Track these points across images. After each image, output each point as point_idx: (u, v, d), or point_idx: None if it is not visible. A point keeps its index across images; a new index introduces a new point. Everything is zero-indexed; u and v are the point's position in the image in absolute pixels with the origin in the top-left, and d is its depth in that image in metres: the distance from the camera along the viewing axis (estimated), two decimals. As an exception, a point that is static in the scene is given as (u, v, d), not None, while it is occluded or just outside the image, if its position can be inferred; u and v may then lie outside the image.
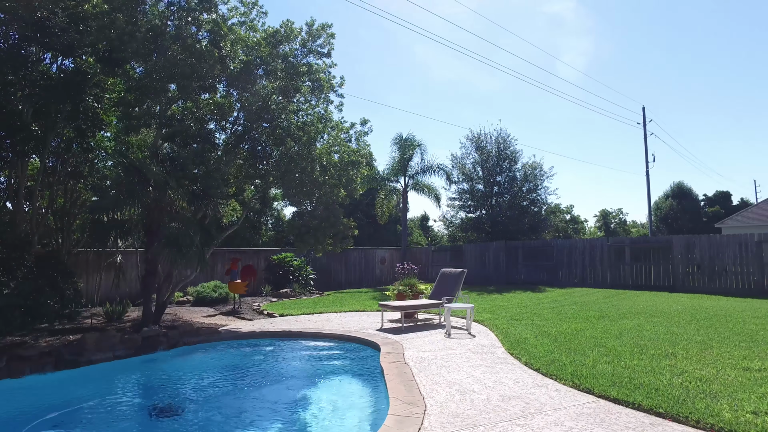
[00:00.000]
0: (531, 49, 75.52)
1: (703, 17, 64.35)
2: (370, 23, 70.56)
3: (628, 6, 62.42)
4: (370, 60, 69.87)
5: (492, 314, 10.55)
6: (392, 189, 24.58)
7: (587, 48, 66.44)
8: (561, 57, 64.18)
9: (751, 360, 6.01)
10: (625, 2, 61.72)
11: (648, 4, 61.34)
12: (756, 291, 14.50)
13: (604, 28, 65.99)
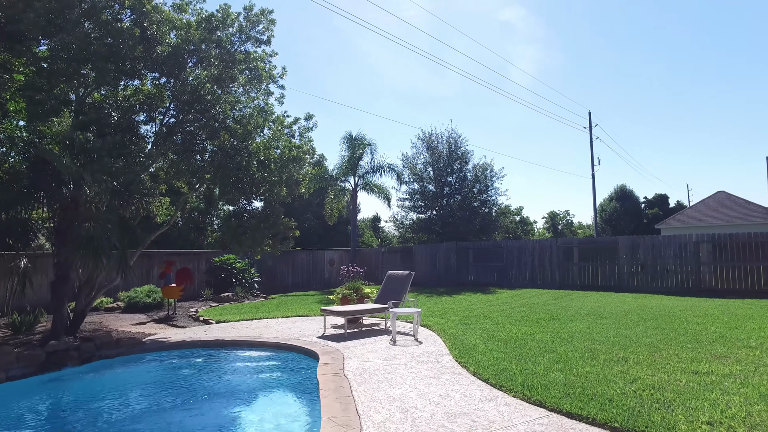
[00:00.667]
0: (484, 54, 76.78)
1: (646, 29, 67.36)
2: (321, 21, 69.57)
3: (576, 16, 64.47)
4: (322, 59, 68.93)
5: (441, 318, 10.16)
6: (342, 189, 23.97)
7: (537, 55, 68.11)
8: (513, 63, 65.47)
9: (698, 363, 5.85)
10: (572, 12, 63.73)
11: (594, 14, 63.51)
12: (693, 290, 14.88)
13: (552, 36, 67.90)
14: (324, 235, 40.89)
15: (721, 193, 30.55)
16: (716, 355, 6.25)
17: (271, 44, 9.40)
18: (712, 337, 7.41)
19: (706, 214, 29.03)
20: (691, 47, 70.76)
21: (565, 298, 13.86)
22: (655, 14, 64.26)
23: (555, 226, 57.10)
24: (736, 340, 7.22)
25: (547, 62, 70.50)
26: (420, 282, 21.48)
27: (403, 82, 74.14)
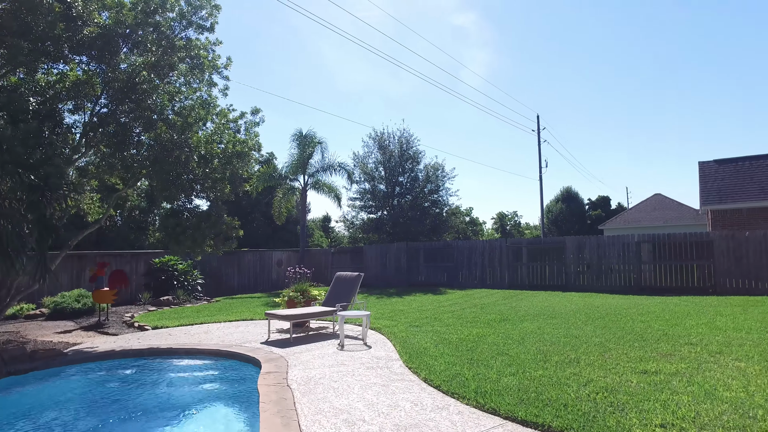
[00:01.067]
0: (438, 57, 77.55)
1: (592, 36, 70.05)
2: (277, 18, 68.21)
3: (525, 22, 66.21)
4: (278, 56, 67.58)
5: (391, 320, 9.90)
6: (291, 188, 23.34)
7: (488, 59, 69.51)
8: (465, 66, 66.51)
9: (646, 362, 5.86)
10: (522, 19, 65.42)
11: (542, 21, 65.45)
12: (635, 288, 15.37)
13: (503, 41, 69.46)
14: (273, 235, 39.92)
15: (658, 196, 32.05)
16: (662, 354, 6.29)
17: (215, 31, 8.82)
18: (657, 335, 7.52)
19: (644, 216, 30.35)
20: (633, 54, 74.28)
21: (515, 298, 13.95)
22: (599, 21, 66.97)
23: (504, 227, 58.35)
24: (678, 337, 7.36)
25: (498, 66, 72.12)
26: (370, 283, 21.21)
27: (358, 83, 73.78)
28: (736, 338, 7.23)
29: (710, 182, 20.01)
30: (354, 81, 72.79)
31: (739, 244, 14.19)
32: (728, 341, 7.00)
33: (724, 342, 6.95)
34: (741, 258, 14.14)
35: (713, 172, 20.45)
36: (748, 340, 7.06)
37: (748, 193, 18.95)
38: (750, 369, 5.52)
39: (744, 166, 20.20)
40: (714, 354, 6.25)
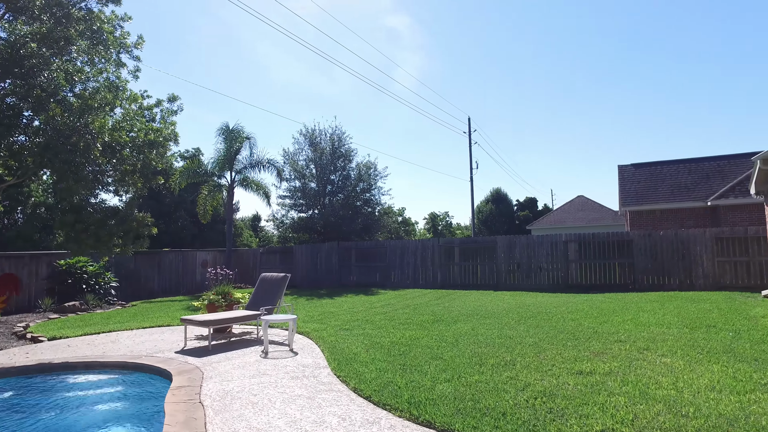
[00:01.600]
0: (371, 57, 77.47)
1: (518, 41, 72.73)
2: (206, 11, 65.15)
3: (456, 29, 67.60)
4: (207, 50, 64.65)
5: (320, 323, 9.39)
6: (217, 185, 22.11)
7: (421, 62, 70.30)
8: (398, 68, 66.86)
9: (581, 362, 5.76)
10: (453, 25, 66.73)
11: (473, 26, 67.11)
12: (563, 286, 15.80)
13: (435, 45, 70.56)
14: (199, 234, 37.98)
15: (581, 198, 33.62)
16: (594, 352, 6.25)
17: (122, 4, 7.89)
18: (588, 333, 7.54)
19: (568, 216, 31.70)
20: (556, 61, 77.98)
21: (448, 298, 13.85)
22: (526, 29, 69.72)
23: (435, 227, 59.20)
24: (607, 335, 7.41)
25: (430, 69, 73.17)
26: (300, 284, 20.51)
27: (290, 80, 72.21)
28: (659, 333, 7.38)
29: (629, 185, 21.10)
30: (287, 79, 71.23)
31: (655, 242, 14.94)
32: (653, 337, 7.13)
33: (650, 338, 7.06)
34: (656, 256, 14.89)
35: (631, 175, 21.59)
36: (670, 335, 7.22)
37: (661, 195, 20.14)
38: (676, 364, 5.56)
39: (658, 170, 21.48)
40: (642, 350, 6.28)
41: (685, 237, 14.67)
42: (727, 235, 14.30)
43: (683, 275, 14.55)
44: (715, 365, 5.49)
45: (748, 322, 8.28)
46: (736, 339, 6.86)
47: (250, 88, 67.51)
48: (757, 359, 5.77)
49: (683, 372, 5.23)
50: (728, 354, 6.00)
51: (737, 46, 67.78)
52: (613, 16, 64.64)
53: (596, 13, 63.70)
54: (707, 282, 14.28)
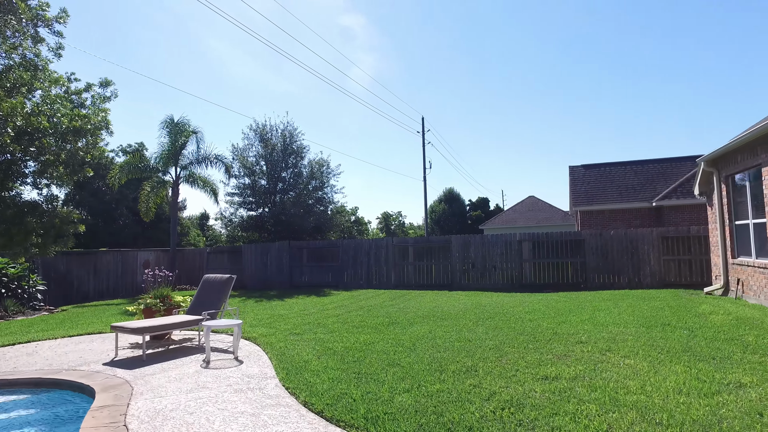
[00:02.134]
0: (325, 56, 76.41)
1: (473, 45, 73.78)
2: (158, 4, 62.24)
3: (410, 28, 67.79)
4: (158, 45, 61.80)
5: (269, 327, 8.79)
6: (161, 181, 20.90)
7: (375, 62, 70.08)
8: (352, 67, 66.31)
9: (545, 366, 5.50)
10: (408, 26, 66.88)
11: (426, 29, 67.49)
12: (517, 285, 15.81)
13: (390, 45, 70.51)
14: (142, 234, 36.12)
15: (532, 198, 34.23)
16: (557, 355, 6.02)
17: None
18: (548, 335, 7.34)
19: (519, 216, 32.18)
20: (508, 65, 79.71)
21: (402, 299, 13.51)
22: (480, 32, 70.85)
23: (388, 227, 59.10)
24: (568, 336, 7.23)
25: (385, 70, 73.07)
26: (249, 285, 19.67)
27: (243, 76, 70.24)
28: (618, 333, 7.27)
29: (579, 185, 21.51)
30: (239, 74, 69.24)
31: (606, 242, 15.17)
32: (613, 337, 7.00)
33: (610, 338, 6.93)
34: (607, 255, 15.12)
35: (581, 176, 22.03)
36: (629, 335, 7.12)
37: (609, 196, 20.63)
38: (639, 366, 5.39)
39: (606, 171, 22.02)
40: (604, 352, 6.11)
41: (634, 236, 14.97)
42: (672, 235, 14.69)
43: (632, 273, 14.85)
44: (677, 365, 5.36)
45: (699, 319, 8.35)
46: (692, 337, 6.82)
47: (200, 83, 65.22)
48: (714, 357, 5.70)
49: (648, 374, 5.06)
50: (687, 353, 5.91)
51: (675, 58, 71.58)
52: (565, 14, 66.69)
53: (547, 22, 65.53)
54: (654, 280, 14.62)
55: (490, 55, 76.80)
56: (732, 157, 11.03)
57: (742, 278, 10.88)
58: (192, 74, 65.75)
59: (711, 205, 12.49)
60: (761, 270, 9.89)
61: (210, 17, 75.09)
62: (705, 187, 12.77)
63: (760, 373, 5.05)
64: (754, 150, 9.94)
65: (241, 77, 68.89)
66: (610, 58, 73.92)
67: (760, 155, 9.68)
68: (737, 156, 10.76)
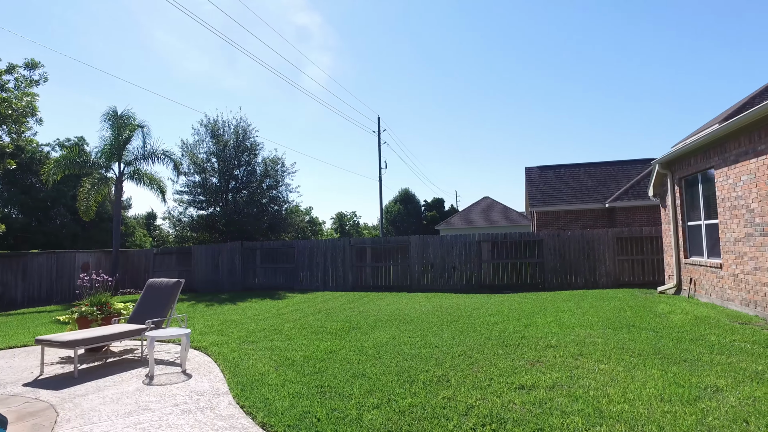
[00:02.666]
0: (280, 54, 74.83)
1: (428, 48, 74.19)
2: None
3: (367, 29, 67.44)
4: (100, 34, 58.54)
5: (221, 335, 8.16)
6: (103, 177, 19.52)
7: (331, 62, 69.32)
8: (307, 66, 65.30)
9: (519, 374, 5.21)
10: (363, 27, 66.49)
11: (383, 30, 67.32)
12: (476, 286, 15.70)
13: (346, 46, 69.89)
14: (83, 234, 34.06)
15: (486, 199, 34.56)
16: (529, 361, 5.76)
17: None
18: (516, 339, 7.10)
19: (475, 216, 32.40)
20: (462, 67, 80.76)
21: (361, 301, 13.08)
22: (436, 34, 71.34)
23: (343, 227, 58.46)
24: (536, 339, 7.02)
25: (340, 69, 72.42)
26: (200, 288, 18.71)
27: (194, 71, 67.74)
28: (587, 336, 7.12)
29: (535, 186, 21.74)
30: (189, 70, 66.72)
31: (563, 242, 15.29)
32: (581, 340, 6.84)
33: (579, 342, 6.76)
34: (564, 255, 15.24)
35: (537, 177, 22.29)
36: (597, 338, 6.98)
37: (565, 197, 20.95)
38: (615, 371, 5.20)
39: (561, 173, 22.38)
40: (576, 356, 5.90)
41: (590, 237, 15.16)
42: (626, 235, 14.96)
43: (588, 274, 15.02)
44: (652, 369, 5.20)
45: (660, 319, 8.36)
46: (658, 339, 6.75)
47: (147, 78, 62.44)
48: (686, 360, 5.60)
49: (626, 380, 4.86)
50: (658, 356, 5.79)
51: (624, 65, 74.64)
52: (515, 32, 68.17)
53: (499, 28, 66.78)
54: (609, 280, 14.85)
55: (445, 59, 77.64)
56: (685, 160, 11.26)
57: (694, 277, 11.11)
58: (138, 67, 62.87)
59: (665, 207, 12.74)
60: (713, 269, 10.09)
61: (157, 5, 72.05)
62: (659, 188, 13.03)
63: (731, 375, 4.96)
64: (707, 153, 10.14)
65: (192, 72, 66.51)
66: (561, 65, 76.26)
67: (713, 158, 9.87)
68: (690, 159, 10.98)
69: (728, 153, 9.26)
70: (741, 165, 8.83)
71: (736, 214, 9.09)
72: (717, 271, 9.91)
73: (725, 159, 9.40)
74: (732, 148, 9.11)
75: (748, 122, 8.25)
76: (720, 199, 9.66)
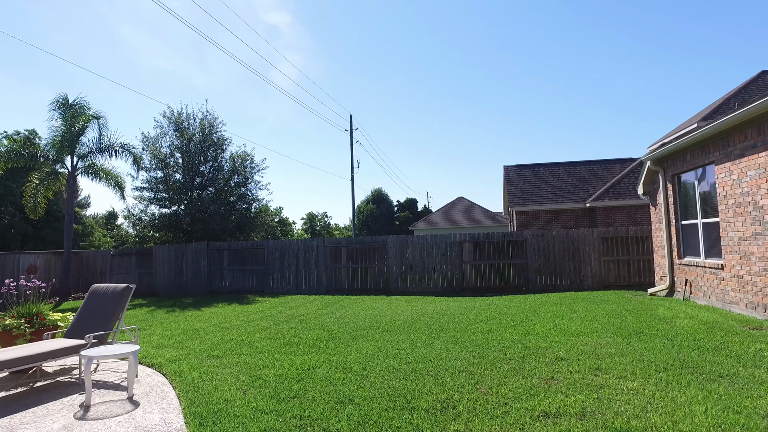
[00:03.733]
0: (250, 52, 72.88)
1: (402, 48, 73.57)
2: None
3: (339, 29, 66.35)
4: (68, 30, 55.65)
5: (180, 349, 7.08)
6: (54, 172, 17.95)
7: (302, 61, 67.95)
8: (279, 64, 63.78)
9: (536, 396, 4.39)
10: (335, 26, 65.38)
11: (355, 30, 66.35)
12: (457, 289, 14.93)
13: (317, 45, 68.59)
14: (34, 234, 31.87)
15: (461, 199, 34.00)
16: (544, 378, 4.94)
17: None
18: (518, 350, 6.29)
19: (450, 217, 31.77)
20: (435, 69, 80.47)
21: (337, 306, 12.10)
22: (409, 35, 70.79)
23: (313, 227, 57.15)
24: (541, 350, 6.22)
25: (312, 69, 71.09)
26: (162, 291, 17.36)
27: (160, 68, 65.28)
28: (596, 346, 6.37)
29: (515, 185, 21.17)
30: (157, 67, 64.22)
31: (548, 242, 14.67)
32: (593, 351, 6.07)
33: (590, 353, 5.99)
34: (549, 256, 14.62)
35: (516, 176, 21.74)
36: (609, 348, 6.24)
37: (545, 196, 20.44)
38: (647, 391, 4.44)
39: (541, 172, 21.89)
40: (595, 372, 5.12)
41: (575, 237, 14.59)
42: (612, 235, 14.46)
43: (573, 275, 14.44)
44: (690, 389, 4.45)
45: (667, 325, 7.71)
46: (677, 349, 6.05)
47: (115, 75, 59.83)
48: (722, 375, 4.88)
49: (666, 404, 4.08)
50: (687, 370, 5.06)
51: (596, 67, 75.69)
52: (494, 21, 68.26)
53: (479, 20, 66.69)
54: (594, 281, 14.30)
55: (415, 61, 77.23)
56: (680, 156, 10.73)
57: (690, 279, 10.58)
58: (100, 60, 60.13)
59: (655, 205, 12.23)
60: (712, 270, 9.56)
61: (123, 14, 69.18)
62: (649, 186, 12.52)
63: (782, 394, 4.25)
64: (706, 148, 9.60)
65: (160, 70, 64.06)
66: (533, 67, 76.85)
67: (713, 153, 9.33)
68: (686, 155, 10.45)
69: (732, 147, 8.71)
70: (748, 159, 8.27)
71: (741, 211, 8.54)
72: (717, 272, 9.36)
73: (728, 154, 8.85)
74: (737, 142, 8.56)
75: (759, 113, 7.68)
76: (721, 196, 9.11)
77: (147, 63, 62.26)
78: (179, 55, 68.47)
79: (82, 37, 56.16)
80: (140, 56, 60.78)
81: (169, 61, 63.59)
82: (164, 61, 63.64)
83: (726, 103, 18.30)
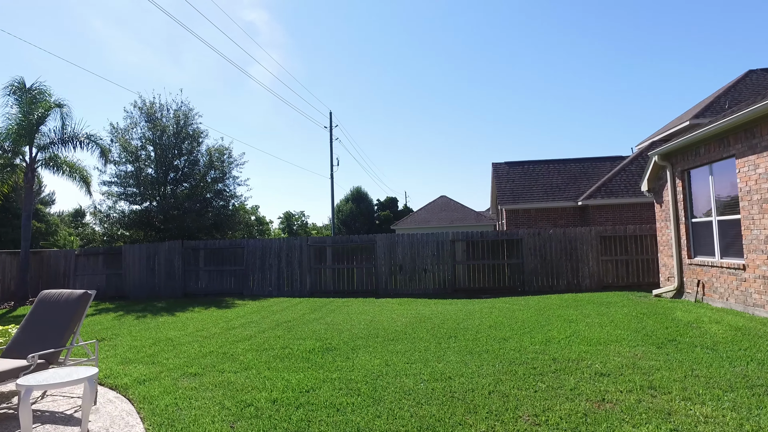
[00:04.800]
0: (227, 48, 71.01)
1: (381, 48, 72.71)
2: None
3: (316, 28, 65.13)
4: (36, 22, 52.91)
5: (151, 364, 6.04)
6: (9, 164, 16.48)
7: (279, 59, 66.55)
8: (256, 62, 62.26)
9: (597, 426, 3.57)
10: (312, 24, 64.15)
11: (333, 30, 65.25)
12: (449, 290, 14.13)
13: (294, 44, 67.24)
14: (-8, 233, 29.98)
15: (444, 198, 33.30)
16: (594, 401, 4.12)
17: None
18: (546, 362, 5.46)
19: (432, 216, 31.04)
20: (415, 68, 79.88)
21: (325, 310, 11.13)
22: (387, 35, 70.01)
23: (291, 227, 55.82)
24: (573, 362, 5.40)
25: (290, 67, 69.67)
26: (132, 294, 16.09)
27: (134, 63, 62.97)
28: (635, 358, 5.59)
29: (504, 183, 20.51)
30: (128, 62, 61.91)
31: (544, 242, 13.99)
32: (633, 364, 5.29)
33: (631, 365, 5.20)
34: (545, 256, 13.94)
35: (506, 174, 21.08)
36: (648, 359, 5.47)
37: (535, 194, 19.83)
38: (731, 420, 3.67)
39: (530, 170, 21.28)
40: (651, 393, 4.32)
41: (572, 236, 13.94)
42: (610, 234, 13.86)
43: (571, 275, 13.79)
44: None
45: (695, 330, 7.02)
46: (729, 362, 5.30)
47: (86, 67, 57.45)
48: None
49: None
50: (759, 389, 4.32)
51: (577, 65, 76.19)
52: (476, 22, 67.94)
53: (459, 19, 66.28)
54: (592, 282, 13.69)
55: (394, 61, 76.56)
56: (692, 150, 10.11)
57: (703, 280, 9.97)
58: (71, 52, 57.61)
59: (661, 202, 11.63)
60: (731, 271, 8.94)
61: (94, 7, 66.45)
62: (654, 182, 11.92)
63: None
64: (724, 141, 8.99)
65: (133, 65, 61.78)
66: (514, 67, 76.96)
67: (734, 146, 8.71)
68: (700, 148, 9.83)
69: (758, 138, 8.08)
70: (777, 151, 7.65)
71: (767, 207, 7.92)
72: (738, 273, 8.74)
73: (753, 146, 8.22)
74: (765, 133, 7.93)
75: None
76: (744, 192, 8.49)
77: (120, 59, 60.05)
78: (154, 51, 66.29)
79: (53, 32, 53.68)
80: (112, 52, 58.59)
81: (143, 57, 61.42)
82: (137, 56, 61.46)
83: (717, 100, 18.00)
